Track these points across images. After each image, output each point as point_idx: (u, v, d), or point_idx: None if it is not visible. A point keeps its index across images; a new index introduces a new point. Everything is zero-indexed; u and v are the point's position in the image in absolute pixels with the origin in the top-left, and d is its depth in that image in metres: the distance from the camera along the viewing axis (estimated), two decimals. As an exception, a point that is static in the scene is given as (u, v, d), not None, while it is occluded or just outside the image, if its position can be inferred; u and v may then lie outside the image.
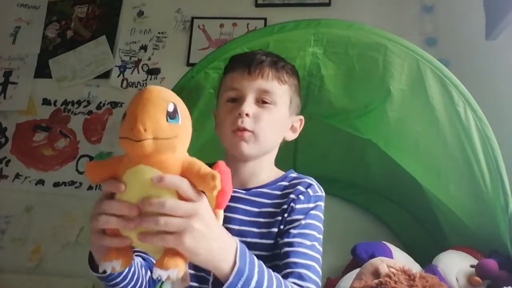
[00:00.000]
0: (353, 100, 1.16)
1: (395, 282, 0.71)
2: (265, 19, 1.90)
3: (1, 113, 1.94)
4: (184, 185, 0.55)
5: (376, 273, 0.78)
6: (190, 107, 1.09)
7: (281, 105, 0.88)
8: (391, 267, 0.76)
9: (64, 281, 1.61)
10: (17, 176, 1.83)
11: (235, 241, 0.64)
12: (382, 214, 1.58)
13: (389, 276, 0.72)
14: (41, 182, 1.82)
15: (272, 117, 0.86)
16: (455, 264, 1.02)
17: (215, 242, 0.59)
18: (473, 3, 1.50)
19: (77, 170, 1.82)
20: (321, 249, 0.81)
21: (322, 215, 0.86)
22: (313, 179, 0.90)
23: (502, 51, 1.42)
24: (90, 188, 1.79)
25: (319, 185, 0.89)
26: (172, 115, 0.54)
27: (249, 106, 0.84)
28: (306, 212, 0.82)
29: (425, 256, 1.12)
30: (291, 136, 0.95)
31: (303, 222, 0.81)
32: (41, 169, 1.84)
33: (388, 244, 1.15)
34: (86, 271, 0.67)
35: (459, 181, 1.08)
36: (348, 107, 1.18)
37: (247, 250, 0.65)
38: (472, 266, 0.99)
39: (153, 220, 0.54)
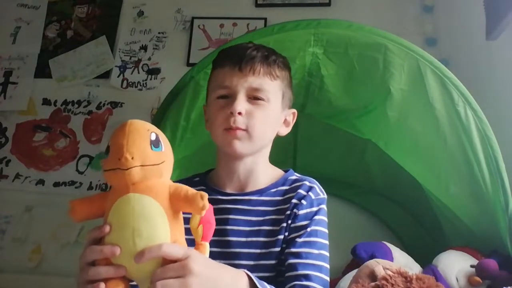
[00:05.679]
0: (353, 100, 1.16)
1: (392, 285, 0.70)
2: (265, 19, 1.90)
3: (1, 113, 1.93)
4: (165, 249, 0.56)
5: (373, 276, 0.77)
6: (190, 107, 1.10)
7: (273, 101, 0.85)
8: (387, 269, 0.76)
9: (64, 281, 1.60)
10: (17, 176, 1.83)
11: (243, 277, 0.65)
12: (382, 214, 1.57)
13: (386, 279, 0.72)
14: (41, 182, 1.82)
15: (265, 114, 0.84)
16: (455, 264, 1.02)
17: None
18: (473, 3, 1.50)
19: (77, 170, 1.82)
20: (327, 254, 0.80)
21: (326, 219, 0.85)
22: (313, 180, 0.89)
23: (502, 51, 1.42)
24: (90, 188, 1.79)
25: (320, 186, 0.88)
26: (155, 144, 0.59)
27: (241, 104, 0.81)
28: (310, 218, 0.81)
29: (425, 256, 1.12)
30: (285, 131, 0.92)
31: (308, 229, 0.80)
32: (41, 169, 1.84)
33: (388, 244, 1.14)
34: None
35: (459, 181, 1.08)
36: (348, 107, 1.18)
37: (257, 282, 0.65)
38: (472, 266, 0.99)
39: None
